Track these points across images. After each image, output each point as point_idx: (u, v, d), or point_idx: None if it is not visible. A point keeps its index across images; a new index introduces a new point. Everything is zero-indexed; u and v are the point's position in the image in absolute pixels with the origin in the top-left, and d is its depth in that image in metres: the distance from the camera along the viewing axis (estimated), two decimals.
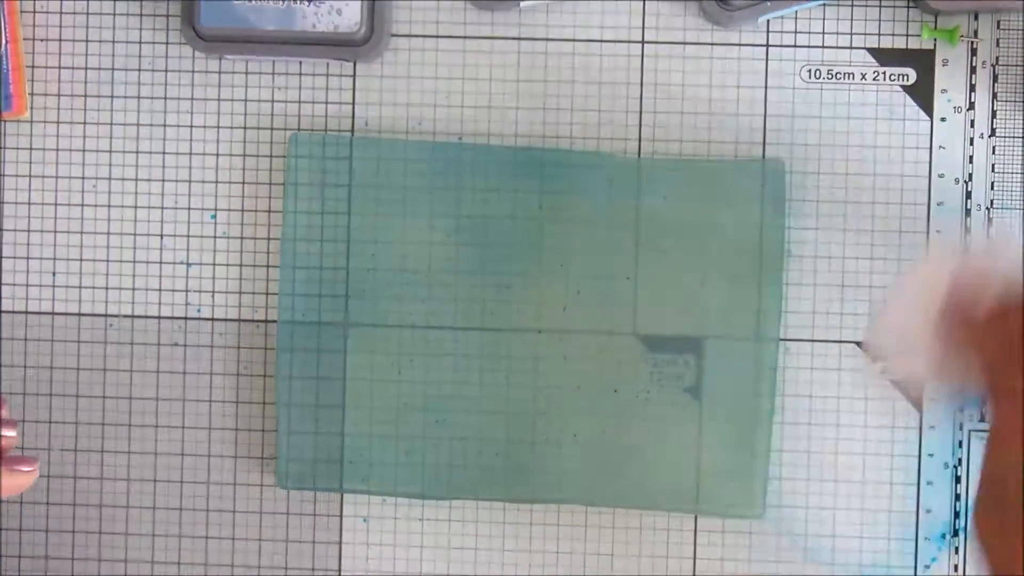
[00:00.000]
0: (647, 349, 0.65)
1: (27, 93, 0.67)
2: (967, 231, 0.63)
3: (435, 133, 0.67)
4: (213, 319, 0.67)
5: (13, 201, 0.68)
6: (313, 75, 0.67)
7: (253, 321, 0.67)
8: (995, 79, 0.66)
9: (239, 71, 0.67)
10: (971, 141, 0.66)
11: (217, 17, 0.65)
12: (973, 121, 0.66)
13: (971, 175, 0.66)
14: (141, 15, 0.67)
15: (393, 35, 0.67)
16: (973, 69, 0.66)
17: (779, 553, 0.66)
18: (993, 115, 0.66)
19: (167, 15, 0.67)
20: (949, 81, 0.66)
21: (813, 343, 0.66)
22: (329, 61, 0.67)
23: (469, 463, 0.66)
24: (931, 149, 0.66)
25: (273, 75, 0.67)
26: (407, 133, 0.67)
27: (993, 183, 0.65)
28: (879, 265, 0.66)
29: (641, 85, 0.66)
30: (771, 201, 0.65)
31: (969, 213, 0.65)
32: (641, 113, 0.66)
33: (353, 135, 0.67)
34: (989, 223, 0.65)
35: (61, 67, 0.67)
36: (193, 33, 0.65)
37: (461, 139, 0.67)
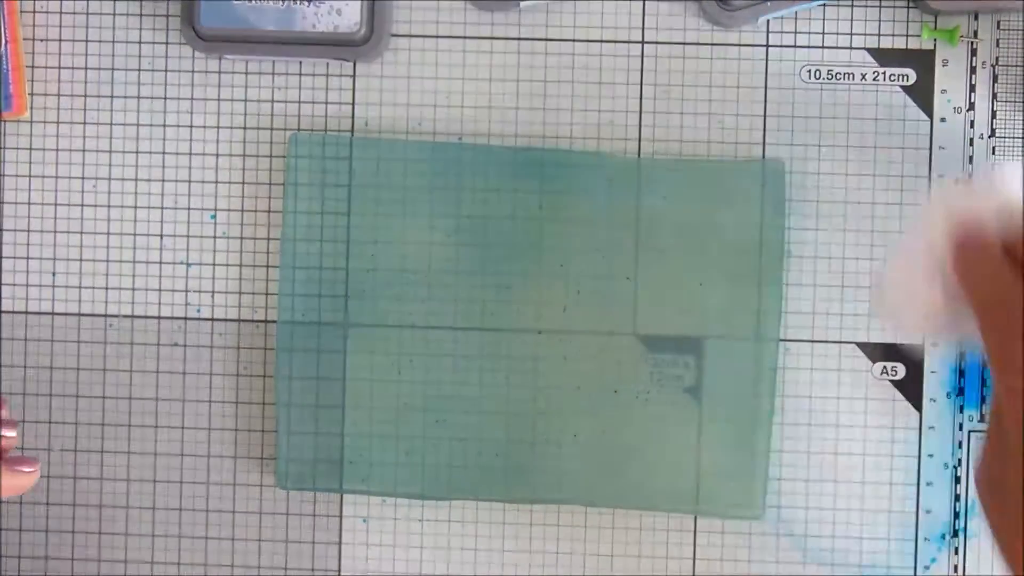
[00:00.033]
0: (647, 349, 0.65)
1: (27, 93, 0.67)
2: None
3: (435, 133, 0.67)
4: (213, 319, 0.67)
5: (13, 201, 0.68)
6: (313, 75, 0.67)
7: (253, 321, 0.67)
8: (995, 79, 0.66)
9: (239, 71, 0.67)
10: (971, 142, 0.66)
11: (217, 17, 0.65)
12: (973, 121, 0.66)
13: (971, 175, 0.65)
14: (141, 15, 0.67)
15: (393, 35, 0.67)
16: (973, 69, 0.66)
17: (779, 553, 0.66)
18: (993, 115, 0.66)
19: (167, 15, 0.67)
20: (949, 81, 0.66)
21: (813, 343, 0.66)
22: (329, 61, 0.67)
23: (469, 463, 0.66)
24: (931, 149, 0.66)
25: (273, 75, 0.67)
26: (407, 133, 0.67)
27: None
28: (879, 265, 0.66)
29: (641, 85, 0.66)
30: (771, 201, 0.65)
31: None
32: (641, 113, 0.66)
33: (353, 135, 0.67)
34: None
35: (61, 67, 0.67)
36: (193, 33, 0.65)
37: (461, 139, 0.67)
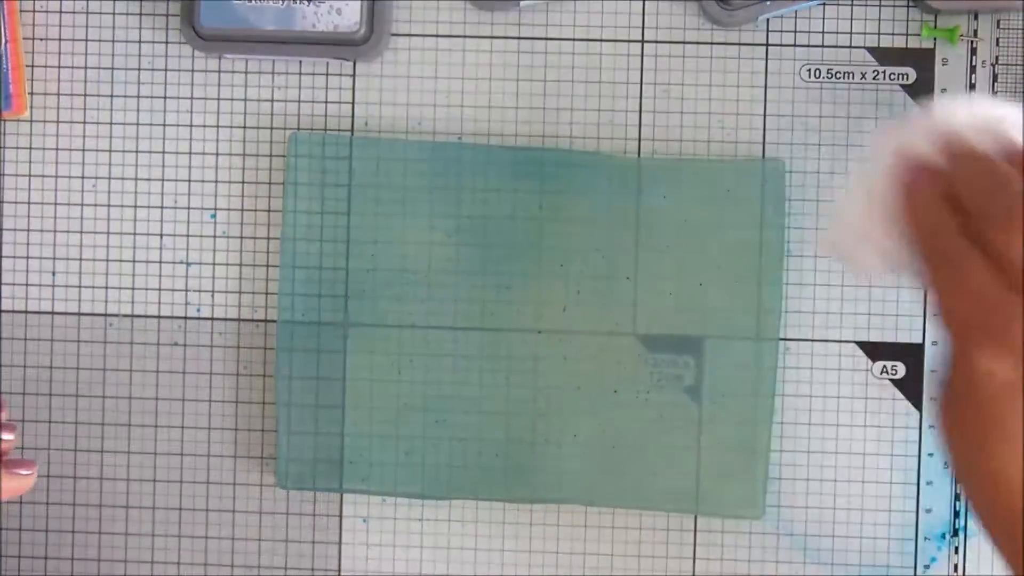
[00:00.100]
0: (647, 349, 0.65)
1: (27, 93, 0.67)
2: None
3: (435, 133, 0.67)
4: (213, 319, 0.67)
5: (13, 201, 0.68)
6: (313, 75, 0.67)
7: (253, 321, 0.67)
8: (995, 79, 0.66)
9: (239, 71, 0.67)
10: None
11: (217, 17, 0.65)
12: None
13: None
14: (141, 15, 0.67)
15: (393, 35, 0.67)
16: (973, 69, 0.66)
17: (779, 553, 0.66)
18: None
19: (167, 15, 0.67)
20: (949, 81, 0.66)
21: (813, 343, 0.66)
22: (329, 61, 0.67)
23: (469, 463, 0.66)
24: None
25: (273, 75, 0.67)
26: (407, 133, 0.67)
27: None
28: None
29: (641, 85, 0.66)
30: (771, 201, 0.64)
31: None
32: (641, 113, 0.66)
33: (353, 135, 0.67)
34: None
35: (61, 67, 0.67)
36: (193, 33, 0.65)
37: (461, 139, 0.66)
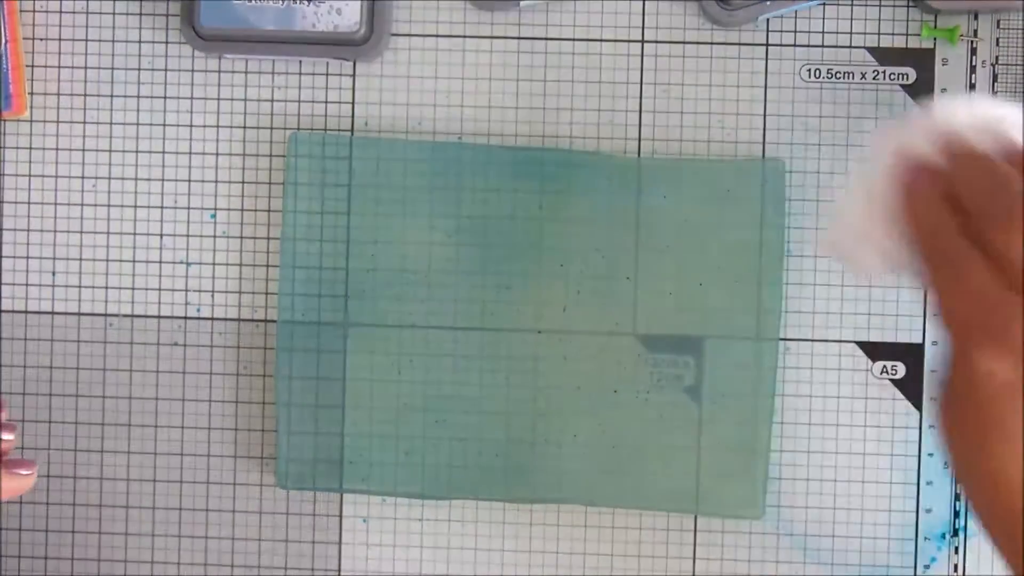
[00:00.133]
0: (647, 349, 0.65)
1: (27, 93, 0.67)
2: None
3: (435, 133, 0.67)
4: (213, 319, 0.67)
5: (13, 201, 0.68)
6: (313, 75, 0.67)
7: (253, 321, 0.67)
8: (995, 79, 0.66)
9: (239, 71, 0.67)
10: None
11: (217, 17, 0.65)
12: None
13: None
14: (141, 15, 0.67)
15: (393, 35, 0.67)
16: (973, 69, 0.66)
17: (779, 553, 0.66)
18: None
19: (167, 15, 0.67)
20: (949, 80, 0.66)
21: (813, 343, 0.66)
22: (329, 61, 0.67)
23: (469, 463, 0.66)
24: None
25: (273, 75, 0.67)
26: (407, 133, 0.67)
27: None
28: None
29: (641, 85, 0.66)
30: (771, 201, 0.64)
31: None
32: (641, 113, 0.66)
33: (353, 135, 0.67)
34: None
35: (61, 67, 0.67)
36: (193, 33, 0.65)
37: (461, 139, 0.66)
